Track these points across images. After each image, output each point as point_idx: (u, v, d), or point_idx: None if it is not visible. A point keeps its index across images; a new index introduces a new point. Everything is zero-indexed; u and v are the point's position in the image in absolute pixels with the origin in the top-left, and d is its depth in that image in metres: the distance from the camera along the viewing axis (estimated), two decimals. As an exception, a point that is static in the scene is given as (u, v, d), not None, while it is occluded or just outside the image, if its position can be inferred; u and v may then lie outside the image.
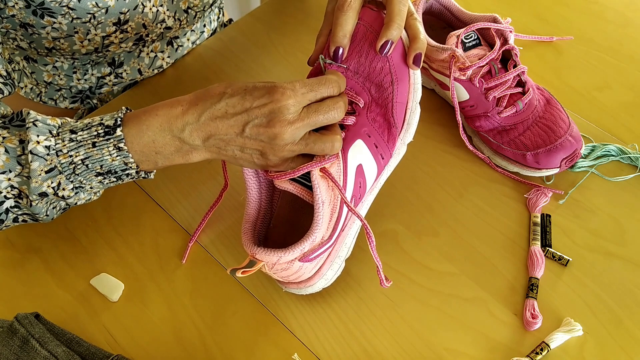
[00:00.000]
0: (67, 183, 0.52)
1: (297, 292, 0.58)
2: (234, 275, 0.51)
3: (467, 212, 0.65)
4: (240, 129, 0.50)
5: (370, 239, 0.53)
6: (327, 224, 0.52)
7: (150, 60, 0.79)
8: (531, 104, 0.67)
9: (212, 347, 0.57)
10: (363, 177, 0.55)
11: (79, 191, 0.54)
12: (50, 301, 0.60)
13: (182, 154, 0.52)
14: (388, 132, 0.57)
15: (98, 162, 0.51)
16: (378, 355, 0.56)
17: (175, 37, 0.80)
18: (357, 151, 0.54)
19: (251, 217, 0.55)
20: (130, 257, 0.63)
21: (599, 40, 0.83)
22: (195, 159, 0.52)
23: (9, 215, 0.53)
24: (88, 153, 0.51)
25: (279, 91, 0.49)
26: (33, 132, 0.50)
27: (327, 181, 0.51)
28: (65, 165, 0.51)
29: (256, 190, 0.55)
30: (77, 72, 0.76)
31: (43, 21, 0.63)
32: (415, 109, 0.59)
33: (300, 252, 0.51)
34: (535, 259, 0.61)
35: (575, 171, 0.68)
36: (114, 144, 0.51)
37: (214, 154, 0.52)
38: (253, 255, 0.51)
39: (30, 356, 0.53)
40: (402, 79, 0.57)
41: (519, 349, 0.56)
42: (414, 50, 0.56)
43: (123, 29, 0.68)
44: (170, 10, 0.72)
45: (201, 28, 0.84)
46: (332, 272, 0.57)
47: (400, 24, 0.55)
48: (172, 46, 0.81)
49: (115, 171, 0.52)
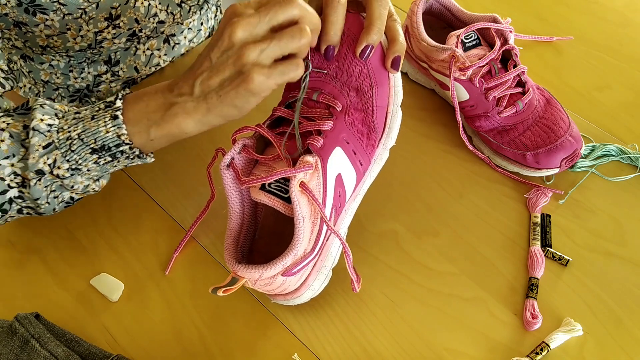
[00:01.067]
0: (62, 161, 0.52)
1: (285, 304, 0.57)
2: (216, 294, 0.49)
3: (467, 212, 0.65)
4: (209, 63, 0.50)
5: (348, 256, 0.52)
6: (309, 237, 0.51)
7: (146, 58, 0.79)
8: (531, 104, 0.67)
9: (212, 347, 0.57)
10: (342, 187, 0.54)
11: (75, 173, 0.53)
12: (50, 301, 0.60)
13: (172, 117, 0.52)
14: (367, 138, 0.56)
15: (93, 135, 0.51)
16: (378, 355, 0.56)
17: (171, 35, 0.80)
18: (336, 160, 0.53)
19: (233, 232, 0.53)
20: (130, 257, 0.63)
21: (599, 40, 0.83)
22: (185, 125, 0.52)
23: (12, 206, 0.54)
24: (85, 126, 0.51)
25: (229, 11, 0.50)
26: (39, 111, 0.51)
27: (306, 196, 0.50)
28: (63, 140, 0.51)
29: (238, 204, 0.54)
30: (74, 70, 0.76)
31: (35, 19, 0.63)
32: (397, 112, 0.58)
33: (282, 267, 0.49)
34: (535, 259, 0.61)
35: (575, 171, 0.68)
36: (111, 114, 0.51)
37: (202, 110, 0.52)
38: (235, 272, 0.50)
39: (30, 356, 0.53)
40: (381, 83, 0.56)
41: (519, 349, 0.56)
42: (393, 53, 0.55)
43: (115, 24, 0.68)
44: (163, 3, 0.72)
45: (198, 26, 0.84)
46: (319, 283, 0.56)
47: (381, 27, 0.53)
48: (168, 44, 0.80)
49: (109, 147, 0.52)
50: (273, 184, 0.51)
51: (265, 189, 0.51)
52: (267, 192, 0.51)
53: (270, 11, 0.49)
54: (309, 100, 0.55)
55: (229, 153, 0.52)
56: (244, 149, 0.53)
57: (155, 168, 0.69)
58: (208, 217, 0.65)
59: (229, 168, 0.52)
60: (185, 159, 0.70)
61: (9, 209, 0.54)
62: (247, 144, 0.53)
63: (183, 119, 0.52)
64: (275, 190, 0.51)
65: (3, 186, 0.52)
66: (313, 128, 0.53)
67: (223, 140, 0.72)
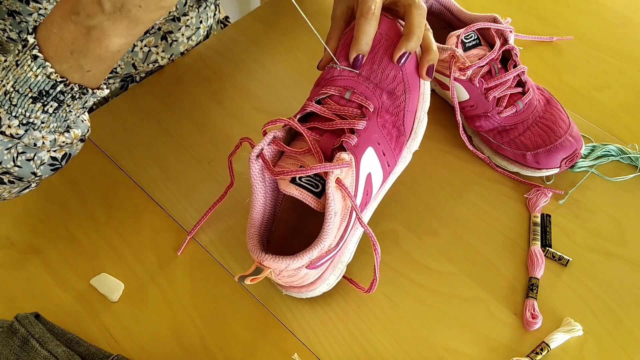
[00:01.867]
0: (10, 118, 0.49)
1: (297, 296, 0.57)
2: (242, 282, 0.49)
3: (467, 212, 0.65)
4: None
5: (377, 253, 0.52)
6: (336, 232, 0.52)
7: (144, 54, 0.79)
8: (531, 104, 0.67)
9: (212, 347, 0.57)
10: (371, 186, 0.55)
11: (29, 127, 0.50)
12: (50, 301, 0.60)
13: (95, 42, 0.46)
14: (396, 140, 0.57)
15: (25, 83, 0.48)
16: (378, 355, 0.56)
17: (169, 32, 0.80)
18: (368, 159, 0.54)
19: (256, 221, 0.54)
20: (130, 257, 0.63)
21: (599, 40, 0.83)
22: (113, 44, 0.47)
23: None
24: (15, 75, 0.47)
25: None
26: None
27: (341, 192, 0.51)
28: (1, 96, 0.48)
29: (262, 195, 0.54)
30: None
31: (29, 7, 0.63)
32: (423, 118, 0.60)
33: (309, 259, 0.50)
34: (535, 259, 0.61)
35: (575, 171, 0.68)
36: (30, 55, 0.47)
37: (122, 24, 0.46)
38: (260, 262, 0.50)
39: (30, 356, 0.53)
40: (413, 89, 0.58)
41: (519, 349, 0.56)
42: (428, 62, 0.57)
43: None
44: None
45: (197, 24, 0.84)
46: (334, 277, 0.57)
47: (420, 35, 0.55)
48: (166, 41, 0.80)
49: (46, 91, 0.48)
50: (304, 178, 0.52)
51: (295, 182, 0.52)
52: (298, 186, 0.51)
53: None
54: (340, 99, 0.55)
55: (260, 143, 0.52)
56: (274, 141, 0.53)
57: (155, 168, 0.69)
58: (210, 217, 0.65)
59: (258, 158, 0.52)
60: (185, 159, 0.70)
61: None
62: (278, 136, 0.53)
63: (109, 40, 0.47)
64: (306, 184, 0.52)
65: None
66: (347, 126, 0.53)
67: (222, 140, 0.72)
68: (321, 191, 0.52)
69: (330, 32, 0.60)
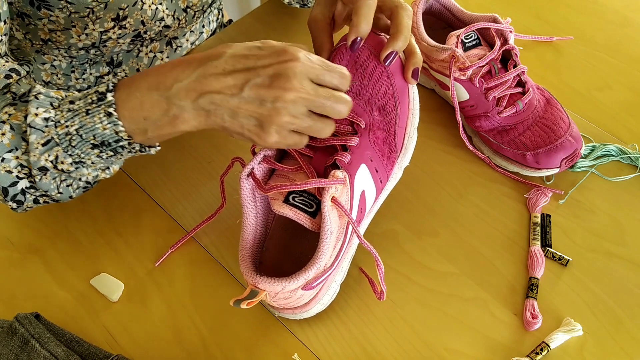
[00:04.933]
0: (65, 156, 0.51)
1: (291, 317, 0.57)
2: (238, 306, 0.48)
3: (467, 212, 0.65)
4: (237, 89, 0.46)
5: (379, 269, 0.52)
6: (331, 252, 0.51)
7: (149, 60, 0.79)
8: (531, 104, 0.67)
9: (212, 347, 0.57)
10: (364, 203, 0.55)
11: (79, 166, 0.52)
12: (50, 301, 0.60)
13: (169, 120, 0.48)
14: (388, 156, 0.57)
15: (91, 132, 0.49)
16: (378, 355, 0.56)
17: (174, 38, 0.80)
18: (362, 177, 0.53)
19: (248, 243, 0.53)
20: (130, 257, 0.63)
21: (599, 40, 0.83)
22: (184, 127, 0.49)
23: (27, 197, 0.53)
24: (82, 122, 0.49)
25: (289, 52, 0.45)
26: (33, 105, 0.49)
27: (337, 211, 0.50)
28: (62, 136, 0.49)
29: (253, 215, 0.53)
30: (75, 71, 0.76)
31: (40, 13, 0.63)
32: (413, 134, 0.59)
33: (304, 280, 0.49)
34: (535, 259, 0.61)
35: (575, 171, 0.68)
36: (104, 110, 0.48)
37: (202, 119, 0.48)
38: (255, 284, 0.49)
39: (30, 356, 0.54)
40: (403, 104, 0.57)
41: (519, 349, 0.56)
42: (413, 65, 0.56)
43: (121, 25, 0.68)
44: (170, 9, 0.72)
45: (200, 29, 0.84)
46: (328, 297, 0.57)
47: (407, 36, 0.55)
48: (171, 46, 0.81)
49: (108, 142, 0.50)
50: (297, 198, 0.51)
51: (289, 202, 0.51)
52: (292, 206, 0.50)
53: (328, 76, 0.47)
54: None
55: (250, 163, 0.51)
56: (265, 159, 0.52)
57: (155, 168, 0.69)
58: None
59: (248, 178, 0.51)
60: (186, 159, 0.70)
61: (24, 200, 0.53)
62: (268, 155, 0.52)
63: (181, 123, 0.49)
64: (300, 204, 0.51)
65: (12, 178, 0.51)
66: (339, 142, 0.52)
67: (222, 141, 0.72)
68: (315, 211, 0.51)
69: (316, 39, 0.58)
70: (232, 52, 0.47)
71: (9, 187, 0.52)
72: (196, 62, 0.47)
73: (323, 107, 0.48)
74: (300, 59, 0.46)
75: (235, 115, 0.47)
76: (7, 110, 0.51)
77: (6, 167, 0.51)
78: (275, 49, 0.46)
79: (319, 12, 0.58)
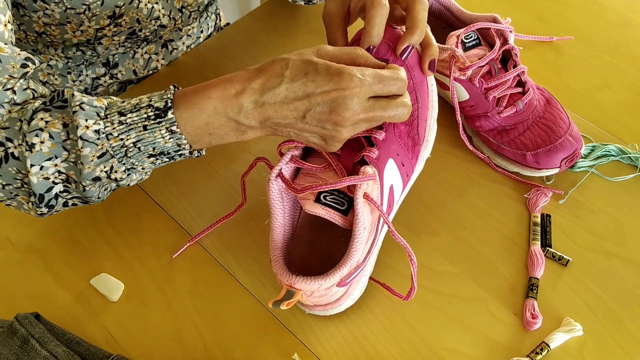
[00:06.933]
0: (119, 166, 0.51)
1: (322, 314, 0.57)
2: (277, 307, 0.48)
3: (467, 212, 0.65)
4: (300, 115, 0.48)
5: (413, 263, 0.51)
6: (364, 247, 0.51)
7: (144, 61, 0.79)
8: (531, 104, 0.67)
9: (212, 347, 0.57)
10: (392, 197, 0.55)
11: (130, 172, 0.53)
12: (50, 301, 0.60)
13: (237, 134, 0.51)
14: (412, 150, 0.57)
15: (150, 145, 0.50)
16: (378, 355, 0.56)
17: (170, 40, 0.80)
18: (390, 171, 0.54)
19: (279, 243, 0.53)
20: (130, 257, 0.63)
21: (599, 40, 0.83)
22: (250, 137, 0.52)
23: (58, 201, 0.53)
24: (140, 136, 0.50)
25: (345, 78, 0.47)
26: (81, 116, 0.49)
27: (369, 207, 0.50)
28: (117, 148, 0.50)
29: (281, 215, 0.53)
30: (72, 72, 0.76)
31: (35, 5, 0.63)
32: (433, 125, 0.60)
33: (339, 277, 0.49)
34: (535, 259, 0.61)
35: (575, 171, 0.68)
36: (167, 127, 0.49)
37: (268, 133, 0.51)
38: (291, 284, 0.49)
39: (30, 356, 0.54)
40: (423, 96, 0.58)
41: (519, 349, 0.56)
42: (429, 57, 0.57)
43: (117, 22, 0.68)
44: (166, 8, 0.72)
45: (197, 33, 0.84)
46: (358, 292, 0.57)
47: (423, 29, 0.55)
48: (166, 48, 0.81)
49: (168, 152, 0.51)
50: (329, 197, 0.51)
51: (320, 202, 0.51)
52: (324, 205, 0.51)
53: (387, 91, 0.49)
54: None
55: (278, 164, 0.52)
56: (292, 159, 0.53)
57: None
58: (210, 218, 0.65)
59: (277, 178, 0.52)
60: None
61: (56, 204, 0.53)
62: (295, 155, 0.53)
63: (249, 136, 0.51)
64: (331, 202, 0.51)
65: (48, 184, 0.51)
66: (369, 135, 0.53)
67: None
68: (347, 209, 0.51)
69: (331, 33, 0.59)
70: (290, 76, 0.48)
71: (44, 194, 0.52)
72: (257, 82, 0.49)
73: (382, 120, 0.50)
74: (355, 84, 0.47)
75: (299, 134, 0.50)
76: (43, 117, 0.50)
77: (44, 175, 0.51)
78: (330, 71, 0.47)
79: (334, 6, 0.59)
